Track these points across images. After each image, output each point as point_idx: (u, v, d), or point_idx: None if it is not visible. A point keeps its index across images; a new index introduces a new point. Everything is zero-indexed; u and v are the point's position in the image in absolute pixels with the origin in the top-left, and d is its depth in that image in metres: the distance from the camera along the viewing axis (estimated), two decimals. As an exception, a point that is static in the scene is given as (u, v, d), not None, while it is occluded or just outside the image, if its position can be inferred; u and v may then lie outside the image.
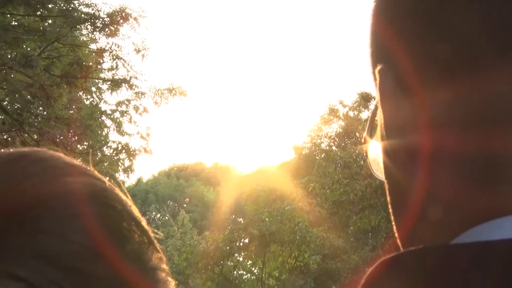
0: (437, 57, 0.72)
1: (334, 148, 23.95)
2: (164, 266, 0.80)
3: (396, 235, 0.82)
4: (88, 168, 0.79)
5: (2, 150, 0.77)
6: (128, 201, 0.79)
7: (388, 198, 0.82)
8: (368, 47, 0.83)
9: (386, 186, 0.82)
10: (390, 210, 0.82)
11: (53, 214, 0.72)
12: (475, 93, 0.69)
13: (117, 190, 0.79)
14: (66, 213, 0.73)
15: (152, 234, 0.80)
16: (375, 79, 0.79)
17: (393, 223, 0.82)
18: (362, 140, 0.85)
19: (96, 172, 0.80)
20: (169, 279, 0.80)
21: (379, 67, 0.78)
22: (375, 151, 0.84)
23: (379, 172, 0.84)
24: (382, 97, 0.77)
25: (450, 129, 0.71)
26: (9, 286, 0.67)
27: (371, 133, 0.85)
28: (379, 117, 0.79)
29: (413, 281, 0.65)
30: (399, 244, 0.81)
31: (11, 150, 0.79)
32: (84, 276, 0.71)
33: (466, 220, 0.69)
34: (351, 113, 24.81)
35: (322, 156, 23.83)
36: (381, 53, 0.80)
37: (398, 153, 0.77)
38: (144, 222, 0.80)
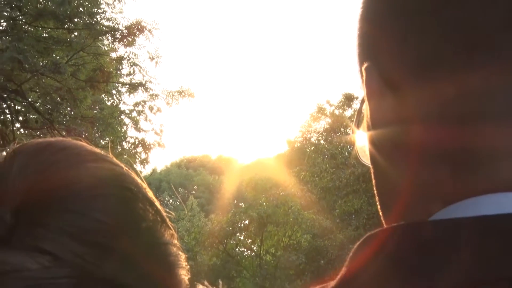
0: (416, 57, 0.71)
1: (322, 141, 24.04)
2: (176, 241, 0.78)
3: (380, 213, 0.81)
4: (108, 155, 0.78)
5: (32, 140, 0.76)
6: (143, 184, 0.79)
7: (373, 182, 0.82)
8: (356, 47, 0.82)
9: (372, 171, 0.82)
10: (375, 192, 0.81)
11: (77, 196, 0.72)
12: (450, 91, 0.69)
13: (134, 175, 0.79)
14: (88, 194, 0.72)
15: (164, 214, 0.79)
16: (362, 76, 0.78)
17: (378, 203, 0.81)
18: (350, 131, 0.85)
19: (114, 159, 0.79)
20: (180, 252, 0.78)
21: (365, 65, 0.77)
22: (361, 140, 0.83)
23: (365, 158, 0.84)
24: (368, 92, 0.76)
25: (428, 122, 0.70)
26: (37, 259, 0.66)
27: (358, 124, 0.84)
28: (366, 110, 0.78)
29: (391, 247, 0.66)
30: (383, 220, 0.80)
31: (39, 140, 0.78)
32: (104, 249, 0.70)
33: (439, 202, 0.69)
34: (336, 111, 24.92)
35: (312, 148, 23.92)
36: (367, 52, 0.79)
37: (382, 142, 0.76)
38: (157, 203, 0.79)
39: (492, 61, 0.67)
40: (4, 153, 0.76)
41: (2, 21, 16.20)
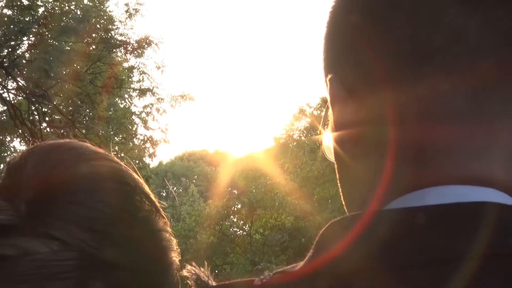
0: (371, 68, 0.71)
1: (303, 138, 24.10)
2: (168, 228, 0.78)
3: (343, 202, 0.81)
4: (109, 154, 0.78)
5: (43, 142, 0.76)
6: (140, 179, 0.78)
7: (337, 175, 0.81)
8: (321, 62, 0.82)
9: (336, 166, 0.82)
10: (339, 184, 0.81)
11: (81, 189, 0.71)
12: (400, 96, 0.69)
13: (131, 171, 0.78)
14: (91, 188, 0.72)
15: (159, 205, 0.79)
16: (327, 86, 0.78)
17: (341, 193, 0.81)
18: (318, 132, 0.85)
19: (115, 157, 0.78)
20: (172, 238, 0.78)
21: (329, 77, 0.77)
22: (327, 140, 0.82)
23: (331, 156, 0.83)
24: (332, 100, 0.76)
25: (381, 123, 0.70)
26: (47, 244, 0.66)
27: (325, 127, 0.83)
28: (330, 115, 0.78)
29: (346, 233, 0.66)
30: (345, 208, 0.80)
31: (50, 141, 0.78)
32: (106, 235, 0.70)
33: (394, 191, 0.69)
34: (315, 112, 24.99)
35: (294, 144, 24.01)
36: (330, 66, 0.79)
37: (344, 141, 0.76)
38: (152, 196, 0.79)
39: (437, 73, 0.67)
40: (19, 153, 0.76)
41: (31, 36, 16.22)
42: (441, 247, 0.62)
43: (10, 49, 16.28)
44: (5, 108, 16.22)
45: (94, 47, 17.30)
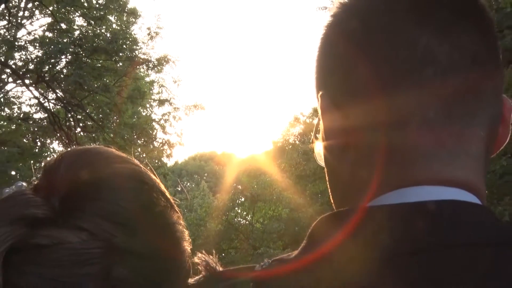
0: (355, 85, 0.71)
1: (297, 142, 24.12)
2: (181, 222, 0.78)
3: (332, 200, 0.80)
4: (130, 158, 0.78)
5: (74, 147, 0.76)
6: (157, 179, 0.78)
7: (327, 178, 0.81)
8: (314, 80, 0.82)
9: (326, 170, 0.81)
10: (328, 185, 0.81)
11: (107, 188, 0.71)
12: (380, 108, 0.69)
13: (149, 172, 0.78)
14: (115, 187, 0.72)
15: (173, 201, 0.79)
16: (318, 101, 0.78)
17: (330, 192, 0.81)
18: (311, 141, 0.85)
19: (135, 160, 0.79)
20: (184, 230, 0.78)
21: (320, 93, 0.77)
22: (318, 148, 0.82)
23: (321, 161, 0.83)
24: (322, 113, 0.76)
25: (364, 131, 0.71)
26: (77, 234, 0.66)
27: (316, 136, 0.83)
28: (321, 126, 0.78)
29: (336, 227, 0.66)
30: (333, 205, 0.79)
31: (80, 147, 0.78)
32: (128, 227, 0.69)
33: (376, 191, 0.69)
34: (307, 120, 25.05)
35: (290, 147, 24.01)
36: (321, 84, 0.79)
37: (332, 148, 0.76)
38: (167, 193, 0.79)
39: (413, 89, 0.67)
40: (54, 157, 0.76)
41: (68, 55, 16.35)
42: (414, 239, 0.62)
43: (50, 66, 16.52)
44: (46, 115, 16.40)
45: (120, 64, 17.33)
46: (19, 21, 17.85)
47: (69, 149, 0.77)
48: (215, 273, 0.73)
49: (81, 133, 16.56)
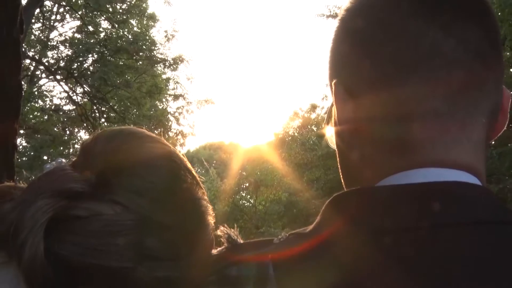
0: (368, 76, 0.69)
1: (296, 134, 24.16)
2: (205, 197, 0.76)
3: (343, 181, 0.78)
4: (160, 138, 0.76)
5: (109, 128, 0.74)
6: (185, 158, 0.77)
7: (338, 160, 0.79)
8: (328, 69, 0.79)
9: (337, 153, 0.79)
10: (339, 166, 0.79)
11: (139, 165, 0.69)
12: (390, 99, 0.67)
13: (178, 152, 0.76)
14: (147, 164, 0.70)
15: (198, 179, 0.77)
16: (331, 88, 0.75)
17: (341, 174, 0.79)
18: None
19: (165, 140, 0.78)
20: (208, 205, 0.77)
21: (334, 81, 0.74)
22: (330, 132, 0.80)
23: (332, 144, 0.81)
24: (336, 100, 0.73)
25: (375, 120, 0.68)
26: (112, 207, 0.64)
27: (328, 121, 0.81)
28: (333, 112, 0.76)
29: (348, 204, 0.66)
30: (344, 186, 0.77)
31: (114, 127, 0.76)
32: (158, 202, 0.67)
33: (383, 173, 0.67)
34: (306, 115, 25.14)
35: (289, 138, 24.07)
36: (335, 72, 0.76)
37: (344, 133, 0.73)
38: (193, 171, 0.77)
39: (420, 79, 0.65)
40: (90, 136, 0.74)
41: (94, 54, 16.56)
42: (419, 217, 0.60)
43: (78, 63, 16.82)
44: (74, 107, 16.50)
45: (140, 62, 17.53)
46: (51, 23, 18.22)
47: (104, 129, 0.75)
48: (237, 245, 0.70)
49: (105, 123, 16.58)
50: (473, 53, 0.65)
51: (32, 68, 17.53)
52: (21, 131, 16.12)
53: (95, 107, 15.70)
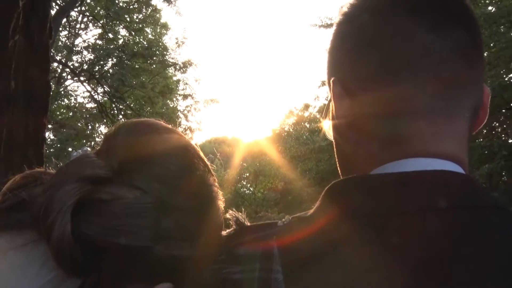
0: (364, 74, 0.67)
1: (291, 130, 24.18)
2: (216, 183, 0.75)
3: (339, 170, 0.77)
4: (176, 129, 0.75)
5: (131, 120, 0.73)
6: (198, 148, 0.75)
7: (335, 151, 0.78)
8: (326, 68, 0.77)
9: (334, 144, 0.78)
10: (336, 157, 0.77)
11: (157, 153, 0.67)
12: (384, 96, 0.65)
13: (191, 141, 0.74)
14: (164, 153, 0.68)
15: (210, 166, 0.75)
16: (329, 86, 0.74)
17: (338, 164, 0.78)
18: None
19: (180, 131, 0.76)
20: (219, 190, 0.75)
21: (332, 79, 0.72)
22: (327, 126, 0.79)
23: (330, 137, 0.79)
24: (333, 97, 0.71)
25: (370, 116, 0.67)
26: (132, 192, 0.63)
27: (326, 116, 0.79)
28: (331, 107, 0.74)
29: (344, 192, 0.64)
30: (340, 174, 0.75)
31: (134, 119, 0.75)
32: (174, 187, 0.66)
33: (376, 163, 0.65)
34: (299, 113, 25.16)
35: (285, 134, 24.09)
36: (333, 71, 0.74)
37: (341, 127, 0.72)
38: (206, 159, 0.75)
39: (411, 78, 0.64)
40: (113, 127, 0.72)
41: (113, 58, 16.64)
42: (409, 202, 0.59)
43: (99, 66, 16.95)
44: (95, 105, 16.50)
45: (154, 66, 17.62)
46: (76, 31, 18.33)
47: (125, 121, 0.73)
48: (244, 227, 0.69)
49: (122, 119, 16.61)
50: (459, 54, 0.64)
51: (59, 70, 17.65)
52: (49, 126, 16.20)
53: (113, 105, 15.71)
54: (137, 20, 18.48)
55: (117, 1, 17.24)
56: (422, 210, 0.58)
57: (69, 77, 18.34)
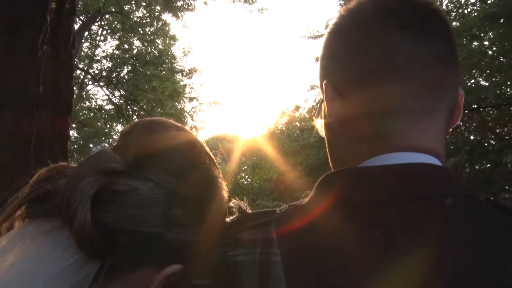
0: (352, 77, 0.66)
1: (284, 128, 24.17)
2: (221, 175, 0.73)
3: (330, 163, 0.75)
4: (185, 127, 0.73)
5: (136, 117, 0.71)
6: (204, 143, 0.73)
7: (327, 146, 0.76)
8: (319, 72, 0.76)
9: (326, 140, 0.76)
10: (328, 152, 0.76)
11: (167, 149, 0.66)
12: (371, 97, 0.64)
13: (198, 138, 0.72)
14: (174, 148, 0.66)
15: (215, 160, 0.73)
16: (322, 88, 0.72)
17: (329, 158, 0.76)
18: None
19: (188, 129, 0.74)
20: (223, 181, 0.73)
21: (324, 82, 0.71)
22: (319, 123, 0.77)
23: (322, 133, 0.78)
24: (325, 98, 0.71)
25: (358, 115, 0.66)
26: (146, 184, 0.61)
27: (318, 115, 0.78)
28: (323, 107, 0.73)
29: (335, 183, 0.63)
30: (331, 167, 0.74)
31: (147, 118, 0.73)
32: (183, 179, 0.64)
33: (364, 157, 0.65)
34: (291, 113, 25.21)
35: (279, 132, 24.09)
36: (325, 74, 0.73)
37: (332, 125, 0.71)
38: (211, 154, 0.74)
39: (396, 81, 0.63)
40: (128, 125, 0.71)
41: (128, 66, 16.69)
42: (392, 192, 0.58)
43: (116, 73, 16.99)
44: (113, 107, 16.45)
45: (164, 72, 17.63)
46: (96, 42, 18.35)
47: (139, 120, 0.72)
48: (246, 214, 0.68)
49: (136, 119, 16.61)
50: (438, 60, 0.64)
51: (81, 77, 17.65)
52: (73, 125, 16.17)
53: (128, 107, 15.70)
54: (149, 33, 18.51)
55: (131, 16, 17.39)
56: (406, 199, 0.57)
57: (90, 82, 18.34)
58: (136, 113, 15.96)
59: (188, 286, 0.61)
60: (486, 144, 11.18)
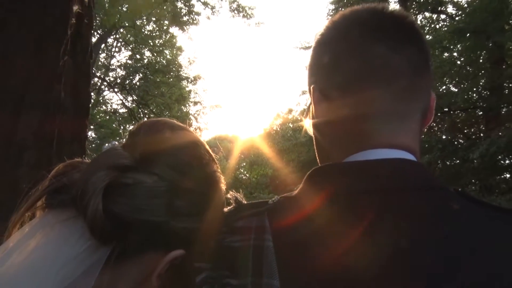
0: (337, 82, 0.66)
1: (278, 129, 24.15)
2: (219, 170, 0.72)
3: (318, 159, 0.75)
4: (187, 127, 0.72)
5: (150, 119, 0.70)
6: (204, 142, 0.72)
7: (314, 144, 0.76)
8: (307, 77, 0.75)
9: (313, 139, 0.75)
10: (315, 149, 0.75)
11: (171, 147, 0.65)
12: (353, 101, 0.64)
13: (199, 136, 0.71)
14: (177, 146, 0.66)
15: (214, 156, 0.73)
16: (309, 91, 0.72)
17: (316, 154, 0.75)
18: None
19: (190, 129, 0.73)
20: (221, 176, 0.72)
21: (312, 86, 0.70)
22: (308, 123, 0.77)
23: (310, 132, 0.77)
24: (313, 100, 0.70)
25: (341, 116, 0.65)
26: (151, 178, 0.61)
27: (307, 116, 0.78)
28: (311, 109, 0.72)
29: (321, 176, 0.62)
30: (318, 163, 0.74)
31: (153, 119, 0.72)
32: (185, 173, 0.63)
33: (347, 153, 0.64)
34: (285, 116, 25.23)
35: (274, 132, 24.08)
36: (312, 79, 0.72)
37: (319, 125, 0.70)
38: (211, 151, 0.73)
39: (375, 86, 0.62)
40: (136, 125, 0.70)
41: (140, 74, 16.64)
42: (371, 183, 0.58)
43: (129, 80, 16.94)
44: (126, 110, 16.41)
45: (171, 79, 17.63)
46: (112, 53, 18.36)
47: (145, 121, 0.71)
48: (242, 205, 0.67)
49: (147, 121, 16.64)
50: (412, 67, 0.63)
51: (98, 84, 17.66)
52: (91, 127, 16.14)
53: (140, 110, 15.70)
54: (158, 44, 18.60)
55: (143, 30, 17.38)
56: (384, 190, 0.57)
57: (106, 88, 18.36)
58: (147, 116, 15.95)
59: (190, 269, 0.60)
60: (455, 143, 11.25)
